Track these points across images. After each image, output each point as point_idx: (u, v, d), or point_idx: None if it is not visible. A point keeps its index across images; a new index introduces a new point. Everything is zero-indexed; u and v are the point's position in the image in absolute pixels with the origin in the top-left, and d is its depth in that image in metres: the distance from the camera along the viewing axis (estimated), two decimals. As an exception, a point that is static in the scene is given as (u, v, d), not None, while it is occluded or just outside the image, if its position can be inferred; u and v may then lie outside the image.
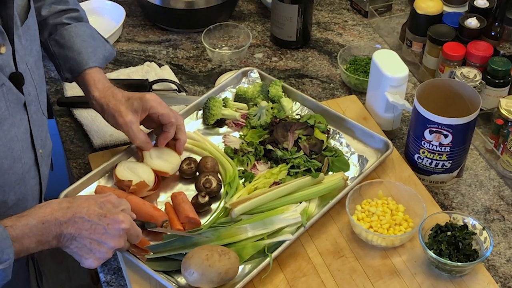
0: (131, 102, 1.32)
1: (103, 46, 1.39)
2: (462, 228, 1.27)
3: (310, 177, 1.35)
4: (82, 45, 1.35)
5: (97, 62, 1.36)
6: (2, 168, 1.10)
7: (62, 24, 1.36)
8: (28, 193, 1.20)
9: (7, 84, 1.08)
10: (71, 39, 1.35)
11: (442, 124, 1.34)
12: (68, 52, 1.35)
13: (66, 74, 1.37)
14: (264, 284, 1.23)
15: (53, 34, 1.36)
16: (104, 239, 1.10)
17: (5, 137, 1.09)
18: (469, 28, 1.62)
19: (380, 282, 1.24)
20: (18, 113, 1.12)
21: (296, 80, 1.72)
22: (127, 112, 1.31)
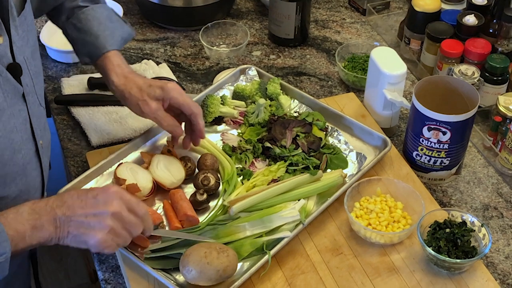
0: (153, 90, 1.30)
1: (120, 27, 1.38)
2: (461, 225, 1.27)
3: (308, 174, 1.35)
4: (99, 28, 1.34)
5: (115, 45, 1.34)
6: (3, 160, 1.10)
7: (79, 7, 1.35)
8: (30, 184, 1.20)
9: (4, 75, 1.08)
10: (88, 22, 1.34)
11: (441, 121, 1.34)
12: (86, 36, 1.33)
13: (85, 58, 1.36)
14: (262, 281, 1.23)
15: (70, 17, 1.35)
16: (97, 207, 1.07)
17: (4, 128, 1.08)
18: (467, 25, 1.62)
19: (379, 279, 1.24)
20: (17, 104, 1.12)
21: (294, 78, 1.71)
22: (150, 100, 1.29)
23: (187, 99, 1.31)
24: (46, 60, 1.74)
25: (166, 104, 1.31)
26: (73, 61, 1.73)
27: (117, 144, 1.50)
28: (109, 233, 1.07)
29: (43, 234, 1.06)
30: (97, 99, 1.60)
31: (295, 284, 1.23)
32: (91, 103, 1.59)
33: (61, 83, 1.65)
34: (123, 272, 1.25)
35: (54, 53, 1.73)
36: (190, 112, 1.31)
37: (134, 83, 1.31)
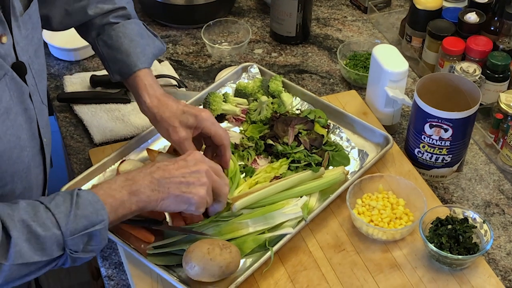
0: (186, 117, 1.29)
1: (152, 43, 1.36)
2: (463, 222, 1.27)
3: (310, 171, 1.36)
4: (130, 46, 1.32)
5: (146, 62, 1.33)
6: (12, 157, 1.11)
7: (109, 23, 1.33)
8: (33, 182, 1.21)
9: (10, 74, 1.08)
10: (119, 39, 1.32)
11: (442, 118, 1.34)
12: (117, 54, 1.32)
13: (116, 76, 1.34)
14: (265, 277, 1.23)
15: (101, 34, 1.34)
16: (191, 167, 1.16)
17: (12, 126, 1.09)
18: (468, 23, 1.62)
19: (381, 275, 1.24)
20: (23, 102, 1.12)
21: (295, 76, 1.72)
22: (181, 128, 1.29)
23: (219, 130, 1.30)
24: (49, 58, 1.74)
25: (197, 132, 1.30)
26: (75, 59, 1.74)
27: (119, 141, 1.51)
28: (207, 189, 1.17)
29: (141, 197, 1.13)
30: (99, 96, 1.60)
31: (297, 280, 1.23)
32: (94, 100, 1.59)
33: (63, 81, 1.66)
34: (126, 269, 1.26)
35: (57, 51, 1.74)
36: (221, 144, 1.31)
37: (167, 107, 1.30)
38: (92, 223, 1.07)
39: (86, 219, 1.06)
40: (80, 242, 1.07)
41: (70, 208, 1.06)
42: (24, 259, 1.01)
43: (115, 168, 1.38)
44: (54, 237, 1.04)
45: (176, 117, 1.29)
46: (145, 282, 1.22)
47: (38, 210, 1.04)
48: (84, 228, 1.06)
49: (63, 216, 1.05)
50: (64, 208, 1.06)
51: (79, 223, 1.06)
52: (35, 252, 1.02)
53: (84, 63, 1.74)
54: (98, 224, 1.07)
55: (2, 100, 1.06)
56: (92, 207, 1.07)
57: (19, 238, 1.01)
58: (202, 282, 1.19)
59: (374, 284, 1.23)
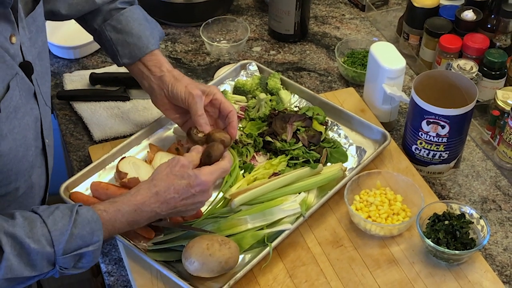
0: (200, 84, 1.35)
1: (156, 27, 1.42)
2: (460, 217, 1.28)
3: (308, 168, 1.37)
4: (140, 29, 1.37)
5: (156, 44, 1.38)
6: (18, 156, 1.12)
7: (117, 9, 1.38)
8: (35, 181, 1.22)
9: (20, 74, 1.10)
10: (129, 23, 1.37)
11: (439, 115, 1.35)
12: (127, 37, 1.36)
13: (125, 59, 1.38)
14: (264, 273, 1.24)
15: (108, 19, 1.38)
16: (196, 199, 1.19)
17: (19, 125, 1.10)
18: (465, 21, 1.63)
19: (379, 271, 1.25)
20: (29, 102, 1.14)
21: (294, 73, 1.73)
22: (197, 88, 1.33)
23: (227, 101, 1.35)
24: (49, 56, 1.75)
25: (209, 99, 1.34)
26: (74, 57, 1.74)
27: (119, 138, 1.52)
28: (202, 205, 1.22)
29: (135, 226, 1.18)
30: (99, 94, 1.61)
31: (296, 276, 1.24)
32: (93, 98, 1.60)
33: (63, 79, 1.67)
34: (126, 264, 1.27)
35: (56, 49, 1.74)
36: (230, 110, 1.34)
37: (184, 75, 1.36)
38: (86, 243, 1.08)
39: (81, 239, 1.08)
40: (72, 260, 1.08)
41: (68, 226, 1.07)
42: (14, 274, 1.03)
43: (115, 165, 1.39)
44: (46, 254, 1.05)
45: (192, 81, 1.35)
46: (145, 277, 1.23)
47: (35, 225, 1.05)
48: (78, 248, 1.08)
49: (58, 234, 1.06)
50: (61, 225, 1.07)
51: (74, 242, 1.07)
52: (25, 267, 1.04)
53: (84, 61, 1.75)
54: (92, 244, 1.09)
55: (13, 98, 1.07)
56: (89, 226, 1.09)
57: (10, 253, 1.02)
58: (202, 277, 1.20)
59: (372, 279, 1.24)
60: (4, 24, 1.06)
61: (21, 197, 1.18)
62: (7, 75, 1.06)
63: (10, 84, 1.07)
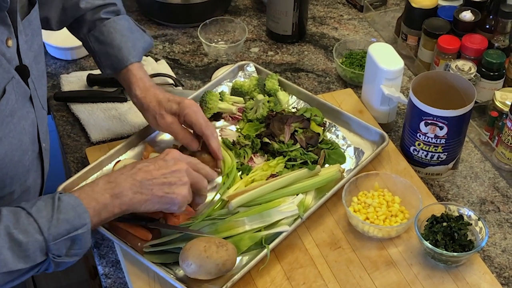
0: (170, 105, 1.33)
1: (141, 38, 1.40)
2: (458, 219, 1.28)
3: (306, 169, 1.36)
4: (121, 40, 1.36)
5: (137, 56, 1.37)
6: (13, 160, 1.12)
7: (100, 19, 1.37)
8: (31, 185, 1.22)
9: (16, 77, 1.10)
10: (111, 35, 1.36)
11: (438, 116, 1.35)
12: (108, 49, 1.36)
13: (107, 70, 1.38)
14: (261, 275, 1.24)
15: (92, 30, 1.37)
16: (171, 167, 1.16)
17: (15, 129, 1.10)
18: (463, 21, 1.63)
19: (377, 272, 1.25)
20: (25, 106, 1.14)
21: (292, 74, 1.72)
22: (167, 115, 1.32)
23: (200, 119, 1.32)
24: (46, 57, 1.73)
25: (181, 119, 1.33)
26: (72, 58, 1.74)
27: (116, 140, 1.51)
28: (189, 188, 1.18)
29: (123, 200, 1.13)
30: (96, 95, 1.60)
31: (293, 278, 1.24)
32: (90, 99, 1.60)
33: (60, 80, 1.66)
34: (123, 267, 1.26)
35: (53, 50, 1.74)
36: (201, 133, 1.33)
37: (154, 96, 1.34)
38: (74, 227, 1.07)
39: (68, 223, 1.06)
40: (63, 246, 1.06)
41: (52, 212, 1.05)
42: (8, 267, 1.02)
43: (111, 167, 1.39)
44: (37, 243, 1.04)
45: (161, 105, 1.33)
46: (142, 280, 1.23)
47: (20, 216, 1.04)
48: (67, 233, 1.06)
49: (45, 221, 1.05)
50: (46, 213, 1.05)
51: (62, 227, 1.05)
52: (18, 260, 1.03)
53: (81, 62, 1.74)
54: (80, 228, 1.07)
55: (9, 102, 1.07)
56: (74, 211, 1.07)
57: (2, 247, 1.01)
58: (199, 279, 1.20)
59: (370, 281, 1.24)
60: (0, 28, 1.05)
61: (16, 201, 1.18)
62: (3, 79, 1.06)
63: (6, 88, 1.06)
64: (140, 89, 1.35)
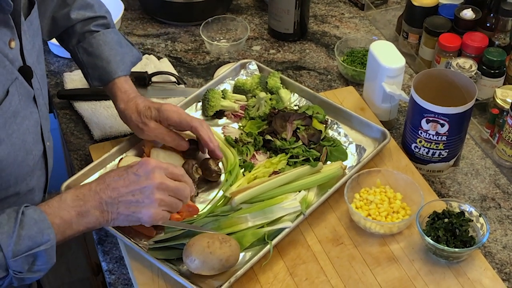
0: (150, 111, 1.34)
1: (130, 52, 1.41)
2: (459, 215, 1.29)
3: (308, 166, 1.37)
4: (110, 54, 1.37)
5: (125, 70, 1.38)
6: (17, 160, 1.12)
7: (90, 31, 1.38)
8: (35, 184, 1.22)
9: (20, 78, 1.10)
10: (100, 47, 1.37)
11: (439, 113, 1.36)
12: (97, 61, 1.37)
13: (95, 82, 1.39)
14: (264, 271, 1.25)
15: (81, 42, 1.38)
16: (141, 183, 1.11)
17: (18, 130, 1.10)
18: (464, 19, 1.63)
19: (379, 268, 1.26)
20: (29, 106, 1.14)
21: (293, 72, 1.73)
22: (149, 121, 1.33)
23: (183, 115, 1.33)
24: (49, 55, 1.75)
25: (166, 123, 1.34)
26: (75, 56, 1.75)
27: (119, 137, 1.52)
28: (159, 205, 1.12)
29: (90, 219, 1.10)
30: (99, 93, 1.61)
31: (296, 274, 1.25)
32: (93, 97, 1.61)
33: (63, 78, 1.67)
34: (127, 263, 1.27)
35: (57, 48, 1.75)
36: (189, 127, 1.33)
37: (135, 106, 1.35)
38: (36, 243, 1.04)
39: (30, 239, 1.03)
40: (25, 262, 1.04)
41: (13, 228, 1.03)
42: None
43: (115, 164, 1.40)
44: None
45: (141, 114, 1.34)
46: (146, 275, 1.23)
47: None
48: (28, 249, 1.03)
49: (5, 237, 1.02)
50: (8, 228, 1.03)
51: (22, 244, 1.03)
52: None
53: (84, 60, 1.75)
54: (43, 244, 1.04)
55: (12, 103, 1.07)
56: (37, 226, 1.04)
57: None
58: (202, 275, 1.20)
59: (372, 277, 1.25)
60: (3, 29, 1.06)
61: (21, 200, 1.18)
62: (7, 80, 1.06)
63: (9, 89, 1.07)
64: (123, 102, 1.36)
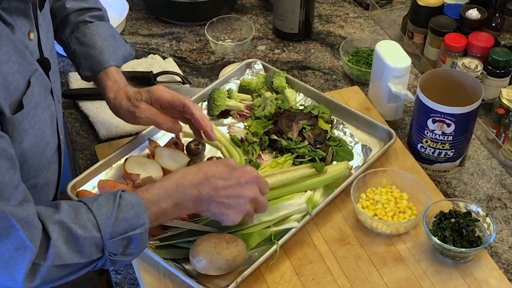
0: (140, 94, 1.32)
1: (123, 46, 1.41)
2: (466, 215, 1.29)
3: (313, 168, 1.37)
4: (103, 44, 1.36)
5: (117, 61, 1.37)
6: (38, 151, 1.12)
7: (84, 22, 1.38)
8: (50, 177, 1.23)
9: (39, 70, 1.11)
10: (93, 37, 1.36)
11: (445, 113, 1.36)
12: (90, 50, 1.36)
13: (86, 72, 1.37)
14: (271, 271, 1.24)
15: (74, 31, 1.38)
16: (239, 192, 1.15)
17: (39, 121, 1.11)
18: (470, 19, 1.63)
19: (385, 268, 1.26)
20: (47, 99, 1.15)
21: (298, 72, 1.73)
22: (139, 103, 1.31)
23: (174, 93, 1.32)
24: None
25: (157, 106, 1.32)
26: (80, 55, 1.75)
27: (125, 137, 1.52)
28: (244, 214, 1.18)
29: (183, 210, 1.15)
30: (104, 93, 1.61)
31: (302, 274, 1.25)
32: (99, 97, 1.60)
33: (68, 78, 1.67)
34: (133, 262, 1.27)
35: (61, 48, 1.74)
36: (182, 104, 1.31)
37: (125, 94, 1.33)
38: (132, 226, 1.07)
39: (127, 222, 1.06)
40: (120, 245, 1.07)
41: (112, 210, 1.06)
42: (62, 260, 1.01)
43: (121, 163, 1.40)
44: (94, 239, 1.04)
45: (133, 98, 1.32)
46: (152, 275, 1.23)
47: (80, 211, 1.05)
48: (125, 231, 1.06)
49: (104, 218, 1.05)
50: (106, 209, 1.06)
51: (120, 226, 1.06)
52: (73, 254, 1.03)
53: (89, 60, 1.75)
54: (138, 228, 1.07)
55: (34, 94, 1.08)
56: (133, 210, 1.07)
57: (58, 240, 1.01)
58: (209, 275, 1.20)
59: (379, 277, 1.24)
60: (23, 20, 1.07)
61: (38, 194, 1.18)
62: (28, 71, 1.07)
63: (31, 80, 1.07)
64: (113, 92, 1.34)
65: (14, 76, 1.03)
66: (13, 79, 1.03)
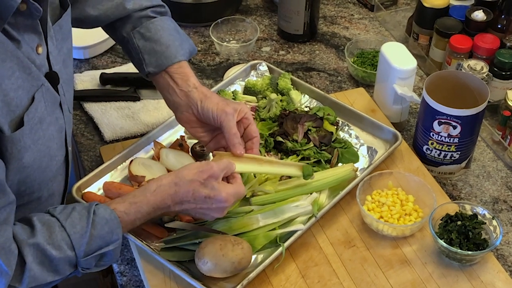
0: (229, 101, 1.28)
1: (187, 40, 1.36)
2: (472, 218, 1.28)
3: (320, 168, 1.37)
4: (169, 38, 1.32)
5: (184, 55, 1.33)
6: (42, 166, 1.12)
7: (147, 17, 1.33)
8: (55, 189, 1.22)
9: (46, 84, 1.09)
10: (158, 32, 1.31)
11: (451, 115, 1.35)
12: (155, 45, 1.31)
13: (150, 68, 1.31)
14: (276, 273, 1.24)
15: (137, 27, 1.32)
16: (208, 212, 1.18)
17: (44, 136, 1.10)
18: (475, 21, 1.63)
19: (391, 271, 1.26)
20: (54, 112, 1.13)
21: (303, 73, 1.73)
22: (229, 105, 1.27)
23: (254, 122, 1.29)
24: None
25: (240, 117, 1.27)
26: (84, 57, 1.75)
27: (130, 139, 1.52)
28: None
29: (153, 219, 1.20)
30: (109, 94, 1.61)
31: (308, 276, 1.24)
32: (104, 98, 1.61)
33: (73, 79, 1.66)
34: (138, 265, 1.27)
35: (66, 49, 1.74)
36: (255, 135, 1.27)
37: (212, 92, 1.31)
38: (106, 243, 1.09)
39: (101, 239, 1.08)
40: (93, 261, 1.09)
41: (86, 228, 1.07)
42: (37, 281, 1.03)
43: (127, 165, 1.39)
44: (68, 258, 1.06)
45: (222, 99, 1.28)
46: (158, 277, 1.23)
47: (54, 230, 1.06)
48: (99, 248, 1.08)
49: (78, 237, 1.06)
50: (80, 227, 1.07)
51: (94, 243, 1.07)
52: (48, 273, 1.04)
53: (94, 61, 1.75)
54: (112, 243, 1.10)
55: (38, 109, 1.07)
56: (108, 226, 1.09)
57: (33, 263, 1.02)
58: (215, 277, 1.20)
59: (385, 279, 1.24)
60: (31, 35, 1.05)
61: (42, 205, 1.18)
62: (32, 87, 1.06)
63: (35, 96, 1.06)
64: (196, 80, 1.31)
65: (17, 92, 1.02)
66: (15, 95, 1.01)
